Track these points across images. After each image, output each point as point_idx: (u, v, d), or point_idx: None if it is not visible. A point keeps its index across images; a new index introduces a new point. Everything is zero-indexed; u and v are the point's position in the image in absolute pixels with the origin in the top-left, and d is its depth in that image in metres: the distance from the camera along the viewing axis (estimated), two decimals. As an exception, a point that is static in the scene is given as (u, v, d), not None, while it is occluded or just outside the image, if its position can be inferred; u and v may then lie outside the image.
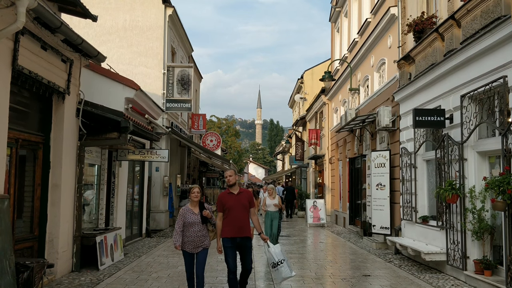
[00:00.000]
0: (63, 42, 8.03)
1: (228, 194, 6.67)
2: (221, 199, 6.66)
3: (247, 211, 6.70)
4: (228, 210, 6.54)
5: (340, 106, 20.92)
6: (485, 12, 7.53)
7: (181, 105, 18.06)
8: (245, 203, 6.64)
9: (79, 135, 9.16)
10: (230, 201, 6.58)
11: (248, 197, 6.75)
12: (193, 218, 6.55)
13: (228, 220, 6.58)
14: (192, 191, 6.64)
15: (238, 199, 6.59)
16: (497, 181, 6.70)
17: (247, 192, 6.88)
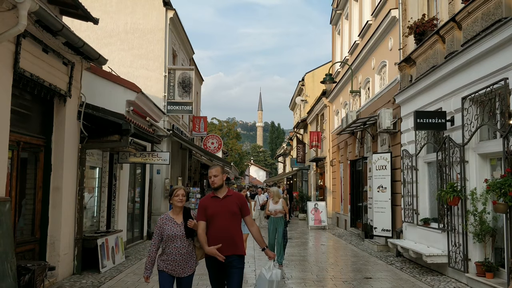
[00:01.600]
0: (64, 45, 8.05)
1: (212, 198, 5.07)
2: (203, 204, 5.07)
3: (237, 221, 5.07)
4: (211, 218, 4.95)
5: (341, 108, 20.92)
6: (486, 14, 7.53)
7: (182, 108, 18.07)
8: (233, 210, 5.01)
9: (81, 137, 9.16)
10: (213, 207, 4.98)
11: (238, 202, 5.08)
12: (175, 230, 4.93)
13: (211, 232, 4.95)
14: (176, 194, 5.04)
15: (224, 205, 4.99)
16: (499, 183, 6.69)
17: (237, 196, 5.22)
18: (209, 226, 4.97)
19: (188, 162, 22.29)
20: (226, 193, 5.09)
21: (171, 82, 18.00)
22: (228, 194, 5.08)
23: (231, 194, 5.12)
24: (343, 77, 19.57)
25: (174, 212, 5.10)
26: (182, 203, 5.06)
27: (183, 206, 5.09)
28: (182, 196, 5.07)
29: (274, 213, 10.48)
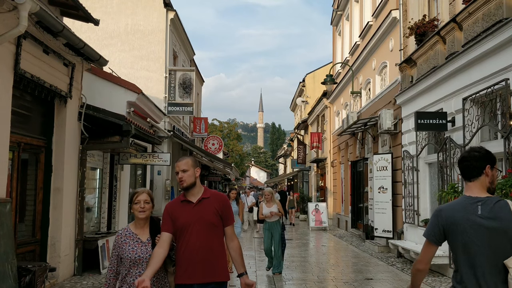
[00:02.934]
0: (65, 46, 8.06)
1: (182, 202, 3.70)
2: (169, 211, 3.70)
3: (217, 234, 3.68)
4: (181, 231, 3.61)
5: (342, 109, 20.92)
6: (487, 15, 7.52)
7: (183, 109, 18.07)
8: (211, 219, 3.64)
9: (81, 138, 9.16)
10: (183, 216, 3.62)
11: (218, 207, 3.69)
12: (138, 250, 3.63)
13: (181, 251, 3.62)
14: (136, 200, 3.70)
15: (198, 212, 3.63)
16: (500, 184, 6.67)
17: (217, 198, 3.77)
18: (178, 242, 3.63)
19: (188, 163, 22.26)
20: (201, 195, 3.69)
21: (171, 83, 18.00)
22: (204, 197, 3.69)
23: (208, 196, 3.71)
24: (343, 78, 19.57)
25: (137, 225, 3.76)
26: (146, 214, 3.71)
27: (149, 216, 3.78)
28: (145, 203, 3.70)
29: (269, 216, 9.50)
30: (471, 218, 2.68)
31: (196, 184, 3.71)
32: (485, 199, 2.72)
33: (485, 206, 2.68)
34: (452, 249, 2.81)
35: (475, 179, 2.78)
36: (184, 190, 3.71)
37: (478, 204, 2.70)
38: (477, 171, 2.77)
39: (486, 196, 2.74)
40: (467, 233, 2.68)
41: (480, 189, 2.77)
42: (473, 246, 2.66)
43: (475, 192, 2.77)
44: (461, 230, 2.70)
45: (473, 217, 2.68)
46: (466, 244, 2.69)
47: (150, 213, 3.79)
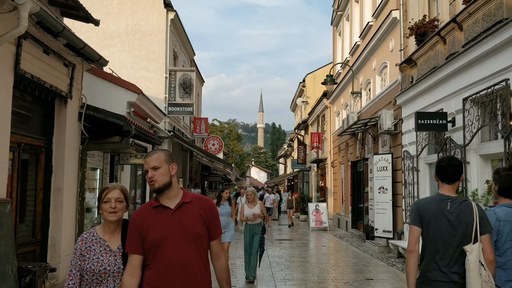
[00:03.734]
0: (65, 46, 8.06)
1: (155, 210, 2.91)
2: (137, 224, 2.87)
3: (202, 248, 2.92)
4: (154, 248, 2.82)
5: (342, 109, 20.92)
6: (487, 15, 7.52)
7: (183, 109, 18.07)
8: (196, 230, 2.88)
9: (81, 139, 9.17)
10: (157, 227, 2.84)
11: (204, 214, 2.94)
12: (106, 261, 2.93)
13: (154, 274, 2.82)
14: (106, 198, 3.02)
15: (179, 221, 2.86)
16: (500, 184, 6.67)
17: (201, 203, 3.00)
18: (151, 262, 2.82)
19: (189, 164, 22.30)
20: (181, 198, 2.92)
21: (172, 83, 18.01)
22: (185, 201, 2.91)
23: (189, 200, 2.93)
24: (344, 78, 19.57)
25: (106, 229, 3.04)
26: (118, 216, 3.01)
27: (121, 219, 3.06)
28: (117, 202, 3.01)
29: (252, 219, 8.86)
30: (441, 211, 3.34)
31: (172, 184, 2.91)
32: (454, 198, 3.40)
33: (453, 203, 3.36)
34: (422, 233, 3.40)
35: (453, 183, 3.44)
36: (157, 193, 2.91)
37: (448, 201, 3.37)
38: (457, 178, 3.44)
39: (455, 196, 3.42)
40: (436, 222, 3.33)
41: (452, 190, 3.44)
42: (439, 233, 3.32)
43: (447, 192, 3.44)
44: (432, 219, 3.35)
45: (442, 211, 3.34)
46: (434, 230, 3.33)
47: (123, 215, 3.07)
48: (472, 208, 3.31)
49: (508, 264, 3.50)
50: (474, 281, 3.12)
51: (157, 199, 2.93)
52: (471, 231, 3.24)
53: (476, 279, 3.12)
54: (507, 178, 3.70)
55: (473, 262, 3.16)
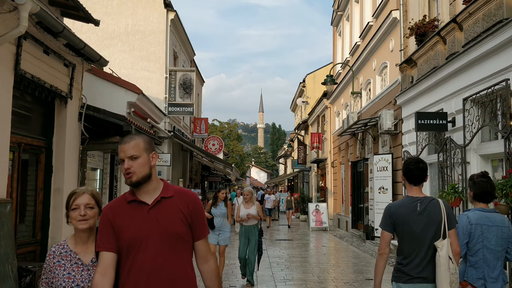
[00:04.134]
0: (65, 47, 8.05)
1: (130, 204, 2.55)
2: (109, 218, 2.53)
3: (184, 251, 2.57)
4: (128, 249, 2.47)
5: (342, 109, 20.92)
6: (487, 15, 7.52)
7: (183, 109, 18.08)
8: (176, 229, 2.52)
9: (82, 139, 9.17)
10: (133, 224, 2.49)
11: (186, 211, 2.57)
12: (77, 276, 2.63)
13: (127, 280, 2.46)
14: (74, 204, 2.71)
15: (156, 219, 2.50)
16: (500, 184, 6.67)
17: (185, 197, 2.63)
18: (123, 266, 2.46)
19: (189, 164, 22.29)
20: (160, 192, 2.54)
21: (172, 83, 18.02)
22: (165, 195, 2.53)
23: (170, 194, 2.55)
24: (344, 79, 19.57)
25: (77, 240, 2.73)
26: (89, 223, 2.70)
27: (94, 227, 2.73)
28: (87, 209, 2.69)
29: (245, 219, 8.55)
30: (412, 213, 3.60)
31: (152, 177, 2.54)
32: (422, 198, 3.67)
33: (422, 204, 3.63)
34: (397, 235, 3.69)
35: (420, 184, 3.76)
36: (134, 187, 2.52)
37: (418, 202, 3.64)
38: (423, 179, 3.76)
39: (423, 196, 3.71)
40: (408, 224, 3.59)
41: (419, 191, 3.75)
42: (411, 233, 3.58)
43: (415, 193, 3.74)
44: (404, 221, 3.61)
45: (413, 213, 3.60)
46: (408, 231, 3.60)
47: (95, 222, 2.72)
48: (440, 206, 3.60)
49: (479, 263, 3.85)
50: (444, 275, 3.40)
51: (132, 193, 2.55)
52: (441, 227, 3.52)
53: (446, 273, 3.40)
54: (481, 185, 4.00)
55: (444, 257, 3.42)
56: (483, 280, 3.83)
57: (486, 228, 3.86)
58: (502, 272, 3.91)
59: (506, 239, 3.88)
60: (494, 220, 3.91)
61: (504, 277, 3.92)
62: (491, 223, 3.88)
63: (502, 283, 3.86)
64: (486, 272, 3.84)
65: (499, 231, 3.86)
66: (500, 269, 3.89)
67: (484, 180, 4.05)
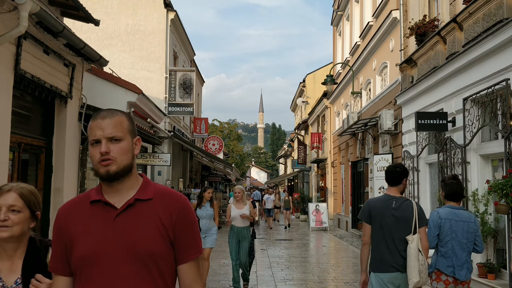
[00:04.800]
0: (65, 46, 8.05)
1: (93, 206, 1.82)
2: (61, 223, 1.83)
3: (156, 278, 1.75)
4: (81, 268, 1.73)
5: (342, 109, 20.92)
6: (487, 15, 7.52)
7: (183, 109, 18.08)
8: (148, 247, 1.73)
9: (82, 139, 9.17)
10: (92, 235, 1.74)
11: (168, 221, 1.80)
12: None
13: None
14: None
15: (120, 231, 1.74)
16: (500, 184, 6.67)
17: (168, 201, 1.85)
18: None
19: (189, 164, 22.29)
20: (136, 193, 1.86)
21: (172, 83, 18.01)
22: (140, 197, 1.84)
23: (150, 196, 1.86)
24: (344, 78, 19.57)
25: (1, 253, 2.20)
26: (12, 232, 2.18)
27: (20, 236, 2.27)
28: (10, 212, 2.18)
29: (242, 217, 7.91)
30: (387, 209, 4.12)
31: (132, 170, 1.87)
32: (398, 198, 4.20)
33: (397, 202, 4.15)
34: (372, 228, 4.17)
35: (396, 186, 4.25)
36: (109, 180, 1.80)
37: (393, 200, 4.15)
38: (399, 181, 4.23)
39: (399, 196, 4.23)
40: (383, 218, 4.10)
41: (396, 191, 4.25)
42: (386, 226, 4.08)
43: (393, 193, 4.24)
44: (380, 215, 4.12)
45: (388, 208, 4.12)
46: (382, 224, 4.10)
47: (22, 230, 2.23)
48: (412, 206, 4.14)
49: (448, 253, 4.44)
50: (413, 264, 3.94)
51: (99, 190, 1.84)
52: (411, 224, 4.05)
53: (415, 262, 3.94)
54: (452, 186, 4.58)
55: (413, 249, 3.97)
56: (452, 268, 4.42)
57: (454, 222, 4.45)
58: (468, 261, 4.48)
59: (473, 233, 4.47)
60: (462, 216, 4.50)
61: (468, 265, 4.47)
62: (459, 218, 4.47)
63: (467, 271, 4.44)
64: (455, 261, 4.42)
65: (466, 226, 4.45)
66: (466, 258, 4.46)
67: (454, 182, 4.63)
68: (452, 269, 4.42)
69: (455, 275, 4.40)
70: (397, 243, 4.04)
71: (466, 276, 4.44)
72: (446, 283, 4.42)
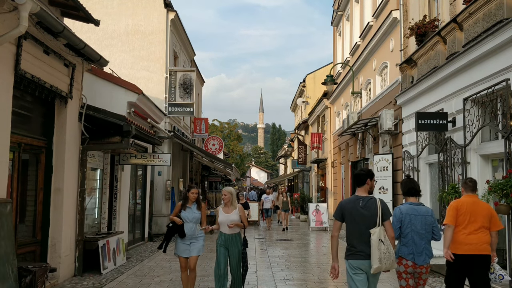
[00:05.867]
0: (65, 47, 8.06)
1: None
2: None
3: None
4: None
5: (342, 109, 20.92)
6: (487, 15, 7.52)
7: (183, 109, 18.08)
8: None
9: (82, 139, 9.17)
10: None
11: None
12: None
13: None
14: None
15: None
16: (500, 184, 6.67)
17: None
18: None
19: (189, 164, 22.29)
20: None
21: (172, 83, 18.01)
22: None
23: None
24: (344, 79, 19.57)
25: None
26: None
27: None
28: None
29: (229, 227, 6.89)
30: (355, 207, 4.86)
31: None
32: (364, 197, 4.90)
33: (363, 201, 4.86)
34: (346, 223, 4.92)
35: (362, 186, 4.97)
36: None
37: (360, 200, 4.88)
38: (364, 182, 4.96)
39: (365, 195, 4.93)
40: (353, 215, 4.85)
41: (363, 191, 4.96)
42: (356, 222, 4.82)
43: (360, 193, 4.96)
44: (350, 214, 4.87)
45: (356, 207, 4.86)
46: (352, 221, 4.85)
47: None
48: (376, 203, 4.84)
49: (409, 243, 5.31)
50: (374, 253, 4.66)
51: None
52: (376, 219, 4.76)
53: (376, 251, 4.64)
54: (406, 184, 5.56)
55: (375, 240, 4.67)
56: (412, 255, 5.29)
57: (414, 216, 5.35)
58: (426, 249, 5.32)
59: (430, 225, 5.35)
60: (420, 211, 5.40)
61: (427, 252, 5.32)
62: (417, 213, 5.37)
63: (426, 256, 5.30)
64: (414, 249, 5.28)
65: (423, 219, 5.34)
66: (425, 246, 5.31)
67: (408, 180, 5.66)
68: (412, 255, 5.29)
69: (415, 261, 5.28)
70: (364, 236, 4.74)
71: (425, 261, 5.30)
72: (406, 267, 5.34)
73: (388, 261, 4.69)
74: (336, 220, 5.00)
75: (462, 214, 5.51)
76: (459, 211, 5.52)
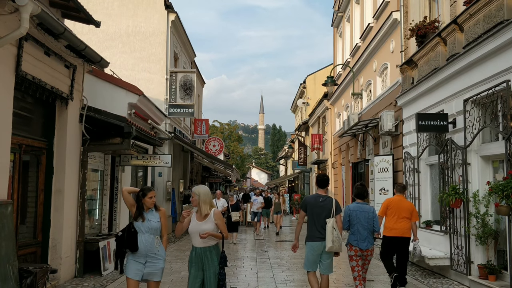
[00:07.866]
0: (66, 48, 8.07)
1: None
2: None
3: None
4: None
5: (342, 111, 20.92)
6: (488, 17, 7.53)
7: (184, 110, 18.10)
8: None
9: (82, 140, 9.17)
10: None
11: None
12: None
13: None
14: None
15: None
16: (501, 185, 6.67)
17: None
18: None
19: (189, 165, 22.30)
20: None
21: (172, 84, 18.03)
22: None
23: None
24: (344, 80, 19.57)
25: None
26: None
27: None
28: None
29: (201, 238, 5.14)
30: (316, 202, 6.58)
31: None
32: (323, 195, 6.63)
33: (322, 198, 6.59)
34: (307, 214, 6.69)
35: (323, 188, 6.74)
36: None
37: (320, 197, 6.60)
38: (326, 185, 6.82)
39: (324, 194, 6.66)
40: (314, 208, 6.56)
41: (323, 192, 6.71)
42: (316, 213, 6.54)
43: (320, 193, 6.69)
44: (311, 207, 6.60)
45: (317, 202, 6.58)
46: (313, 213, 6.57)
47: None
48: (332, 201, 6.54)
49: (355, 232, 6.92)
50: (328, 236, 6.36)
51: None
52: (330, 212, 6.48)
53: (329, 235, 6.35)
54: (358, 189, 7.22)
55: (329, 227, 6.37)
56: (357, 241, 6.87)
57: (359, 212, 6.96)
58: (368, 237, 6.90)
59: (371, 219, 6.94)
60: (364, 208, 7.02)
61: (369, 239, 6.89)
62: (362, 210, 7.00)
63: (368, 243, 6.86)
64: (359, 237, 6.88)
65: (366, 214, 6.95)
66: (367, 235, 6.89)
67: (360, 186, 7.26)
68: (357, 242, 6.87)
69: (359, 246, 6.86)
70: (321, 223, 6.47)
71: (367, 246, 6.86)
72: (355, 251, 6.92)
73: (338, 244, 6.38)
74: (302, 211, 6.82)
75: (391, 208, 7.85)
76: (389, 206, 7.91)
